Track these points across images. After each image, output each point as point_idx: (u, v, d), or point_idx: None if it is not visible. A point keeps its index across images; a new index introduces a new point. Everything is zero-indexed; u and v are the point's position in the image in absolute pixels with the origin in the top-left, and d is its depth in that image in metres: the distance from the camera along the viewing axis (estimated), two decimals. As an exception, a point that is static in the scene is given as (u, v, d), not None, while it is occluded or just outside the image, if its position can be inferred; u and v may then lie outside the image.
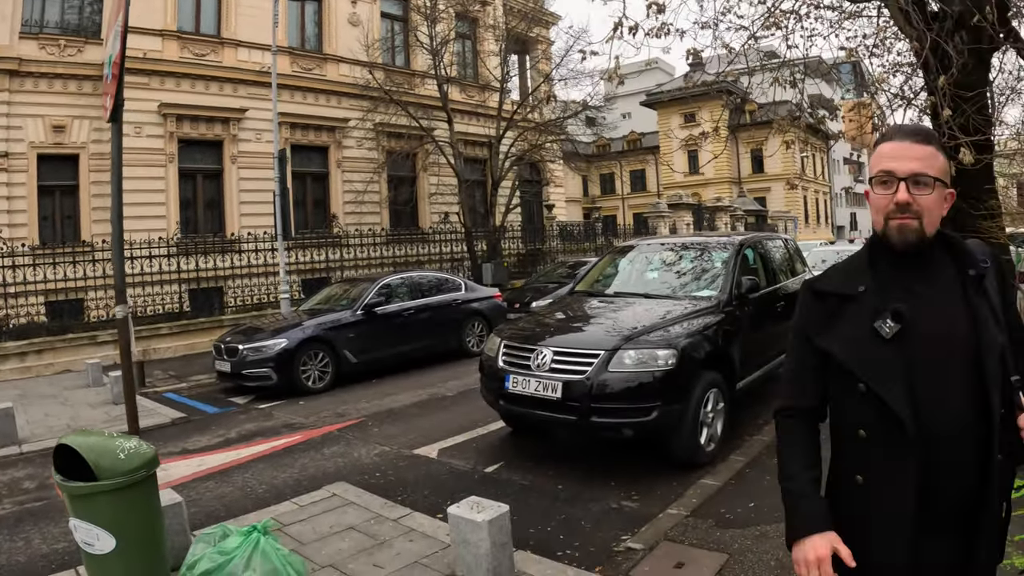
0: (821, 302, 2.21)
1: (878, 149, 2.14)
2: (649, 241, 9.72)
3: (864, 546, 2.06)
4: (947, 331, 2.05)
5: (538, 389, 6.51)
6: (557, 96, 26.24)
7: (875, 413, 2.02)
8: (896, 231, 2.08)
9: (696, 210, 33.20)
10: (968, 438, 2.01)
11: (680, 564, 4.73)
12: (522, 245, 27.90)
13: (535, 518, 5.69)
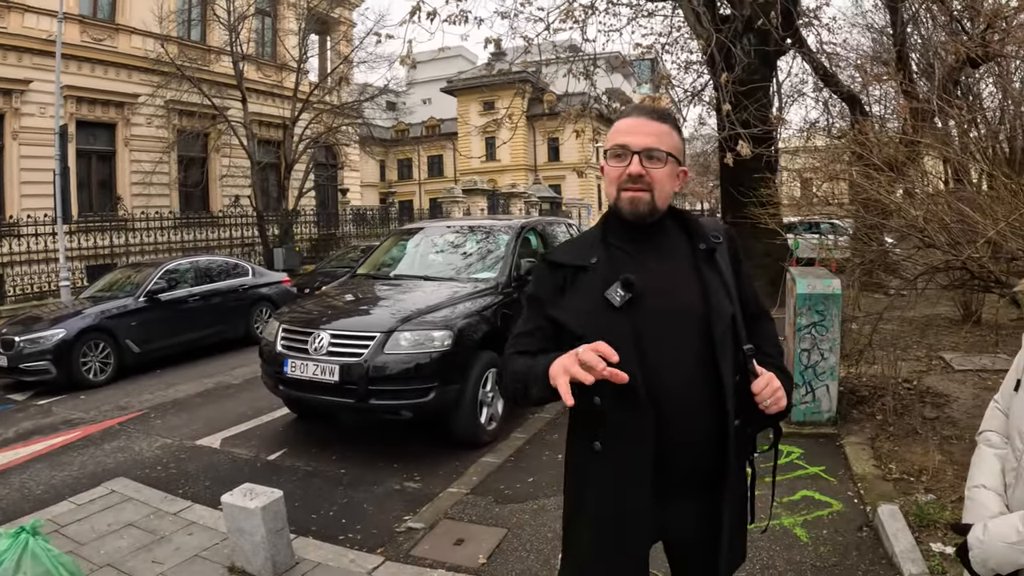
0: (555, 273, 2.22)
1: (615, 126, 2.21)
2: (435, 224, 9.80)
3: (608, 513, 2.12)
4: (678, 301, 2.13)
5: (316, 373, 6.44)
6: (359, 80, 25.98)
7: (608, 381, 2.00)
8: (628, 203, 2.15)
9: (491, 196, 33.68)
10: (703, 404, 2.10)
11: (460, 541, 4.82)
12: (315, 230, 27.47)
13: (318, 503, 5.65)
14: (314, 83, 25.68)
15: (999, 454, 2.10)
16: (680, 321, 2.11)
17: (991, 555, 1.93)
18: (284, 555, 4.46)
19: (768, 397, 2.07)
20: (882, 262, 8.19)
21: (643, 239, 2.21)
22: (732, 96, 10.67)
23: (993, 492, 2.06)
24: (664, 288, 2.13)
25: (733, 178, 13.01)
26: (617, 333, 2.01)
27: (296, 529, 5.01)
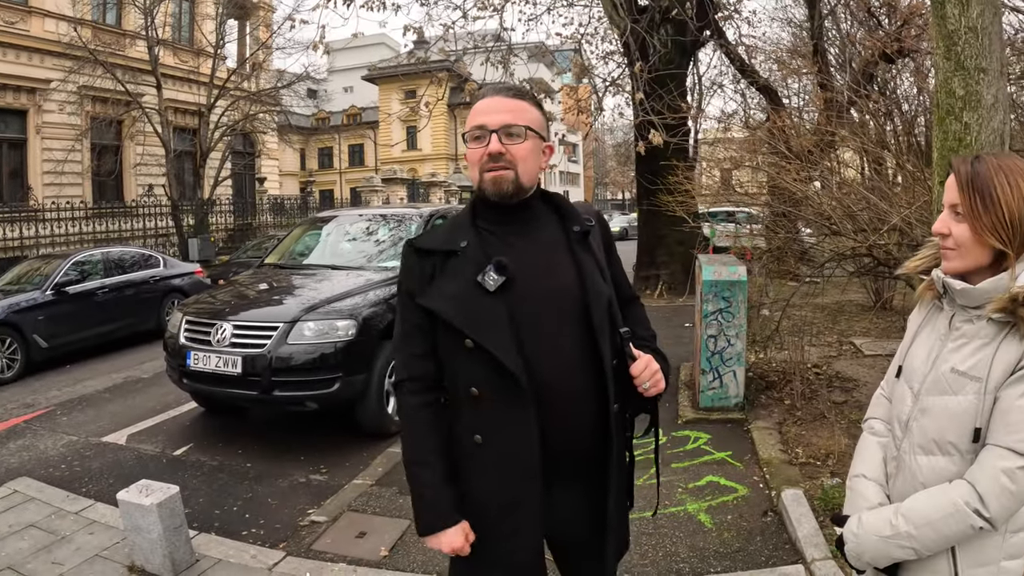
0: (424, 260, 2.13)
1: (473, 107, 2.14)
2: (347, 212, 9.67)
3: (498, 506, 2.07)
4: (553, 283, 2.08)
5: (219, 365, 6.29)
6: (278, 67, 25.56)
7: (486, 369, 1.99)
8: (491, 183, 2.07)
9: (411, 185, 33.45)
10: (583, 388, 2.07)
11: (362, 533, 4.75)
12: (232, 219, 26.91)
13: (222, 499, 5.52)
14: (231, 69, 25.11)
15: (882, 442, 2.10)
16: (557, 304, 2.07)
17: (865, 549, 1.93)
18: (183, 552, 4.34)
19: (648, 379, 2.06)
20: (792, 249, 8.32)
21: (514, 221, 2.15)
22: (647, 85, 10.73)
23: (873, 482, 2.05)
24: (539, 271, 2.08)
25: (647, 167, 13.14)
26: (492, 319, 1.99)
27: (199, 525, 4.91)
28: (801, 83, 17.07)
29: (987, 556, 1.83)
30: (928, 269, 2.01)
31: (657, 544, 4.46)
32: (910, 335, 2.07)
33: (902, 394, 2.00)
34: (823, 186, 8.22)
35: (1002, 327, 1.76)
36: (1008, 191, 1.74)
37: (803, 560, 4.19)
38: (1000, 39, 3.77)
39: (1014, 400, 1.72)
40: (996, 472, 1.72)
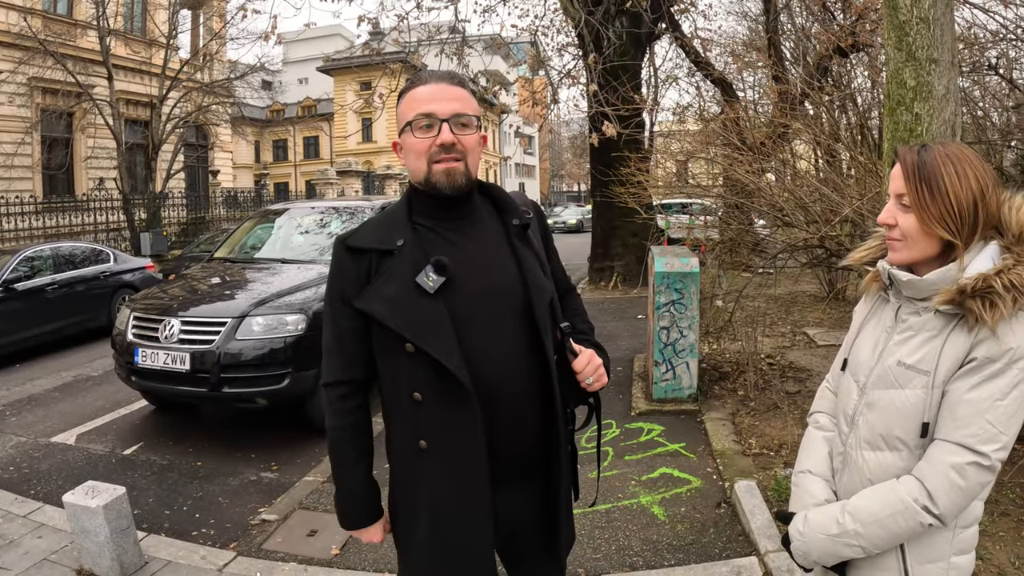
0: (358, 260, 2.02)
1: (411, 95, 2.01)
2: (300, 205, 9.57)
3: (446, 512, 2.02)
4: (494, 280, 2.02)
5: (167, 362, 6.21)
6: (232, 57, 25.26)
7: (429, 373, 1.93)
8: (444, 175, 1.97)
9: (366, 177, 33.24)
10: (527, 387, 2.03)
11: (313, 532, 4.70)
12: (184, 213, 26.46)
13: (172, 499, 5.43)
14: (184, 60, 24.72)
15: (827, 437, 2.09)
16: (499, 302, 2.01)
17: (812, 548, 1.91)
18: (132, 555, 4.26)
19: (591, 374, 2.03)
20: (745, 241, 8.38)
21: (452, 216, 2.06)
22: (602, 77, 10.76)
23: (819, 478, 2.03)
24: (479, 268, 2.02)
25: (601, 158, 13.18)
26: (433, 321, 1.92)
27: (148, 526, 4.84)
28: (756, 76, 17.21)
29: (937, 552, 1.82)
30: (874, 260, 1.99)
31: (610, 538, 4.46)
32: (855, 327, 2.06)
33: (848, 388, 1.98)
34: (776, 178, 8.28)
35: (950, 319, 1.75)
36: (956, 180, 1.71)
37: (757, 552, 4.21)
38: (951, 30, 3.80)
39: (963, 394, 1.70)
40: (945, 468, 1.71)
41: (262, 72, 28.80)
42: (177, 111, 23.58)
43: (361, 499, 2.16)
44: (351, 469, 2.13)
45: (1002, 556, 3.91)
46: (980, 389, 1.69)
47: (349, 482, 2.15)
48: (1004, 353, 1.67)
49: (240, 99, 29.12)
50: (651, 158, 12.84)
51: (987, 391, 1.68)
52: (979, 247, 1.75)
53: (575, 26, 12.63)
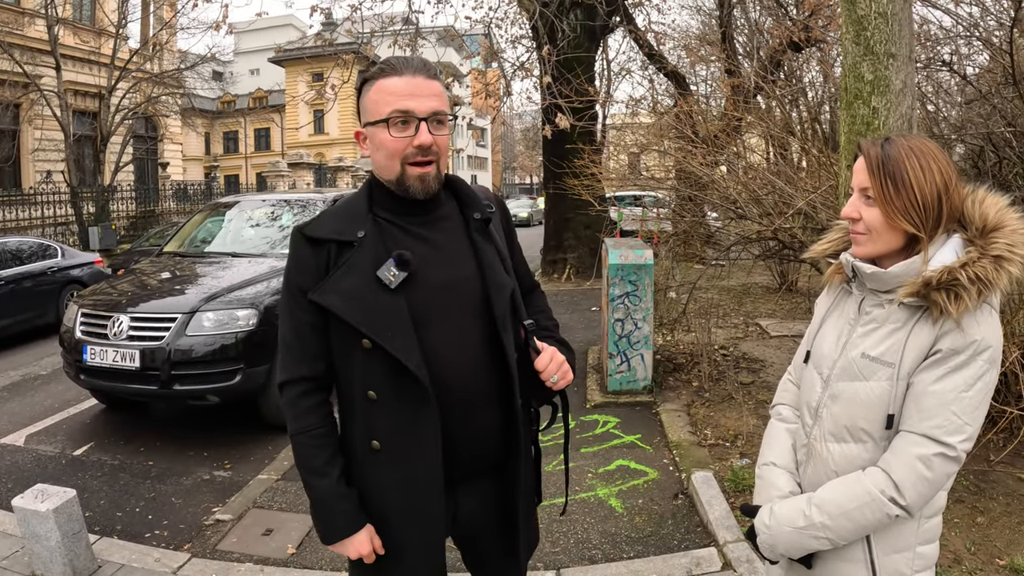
0: (317, 251, 1.93)
1: (385, 85, 1.90)
2: (250, 197, 9.46)
3: (398, 515, 1.98)
4: (455, 276, 1.97)
5: (116, 359, 6.10)
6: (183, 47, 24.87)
7: (385, 370, 1.87)
8: (419, 181, 1.92)
9: (318, 170, 32.91)
10: (486, 386, 1.99)
11: (269, 531, 4.65)
12: (134, 206, 25.96)
13: (124, 500, 5.32)
14: (134, 49, 24.28)
15: (790, 429, 2.09)
16: (459, 299, 1.96)
17: (779, 541, 1.91)
18: (84, 559, 4.18)
19: (555, 372, 1.99)
20: (698, 233, 8.46)
21: (415, 211, 2.00)
22: (555, 70, 10.78)
23: (783, 470, 2.03)
24: (440, 264, 1.96)
25: (554, 151, 13.21)
26: (392, 318, 1.86)
27: (101, 529, 4.75)
28: (709, 70, 17.33)
29: (903, 542, 1.84)
30: (836, 252, 1.99)
31: (568, 531, 4.47)
32: (818, 320, 2.06)
33: (811, 380, 1.99)
34: (729, 171, 8.37)
35: (914, 311, 1.76)
36: (920, 174, 1.72)
37: (716, 543, 4.25)
38: (909, 25, 3.83)
39: (928, 386, 1.72)
40: (911, 459, 1.72)
41: (213, 62, 28.39)
42: (126, 102, 23.12)
43: (340, 508, 1.97)
44: (323, 475, 1.97)
45: (958, 542, 4.00)
46: (945, 381, 1.70)
47: (324, 490, 1.97)
48: (969, 345, 1.69)
49: (190, 90, 28.75)
50: (604, 150, 12.91)
51: (952, 383, 1.70)
52: (942, 240, 1.77)
53: (529, 18, 12.65)
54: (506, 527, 2.16)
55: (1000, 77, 5.49)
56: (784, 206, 6.41)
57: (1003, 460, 4.85)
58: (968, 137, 5.89)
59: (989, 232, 1.74)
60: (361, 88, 1.98)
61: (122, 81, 22.53)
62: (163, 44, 24.96)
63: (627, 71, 18.07)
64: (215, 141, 56.41)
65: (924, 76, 6.71)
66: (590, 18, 13.48)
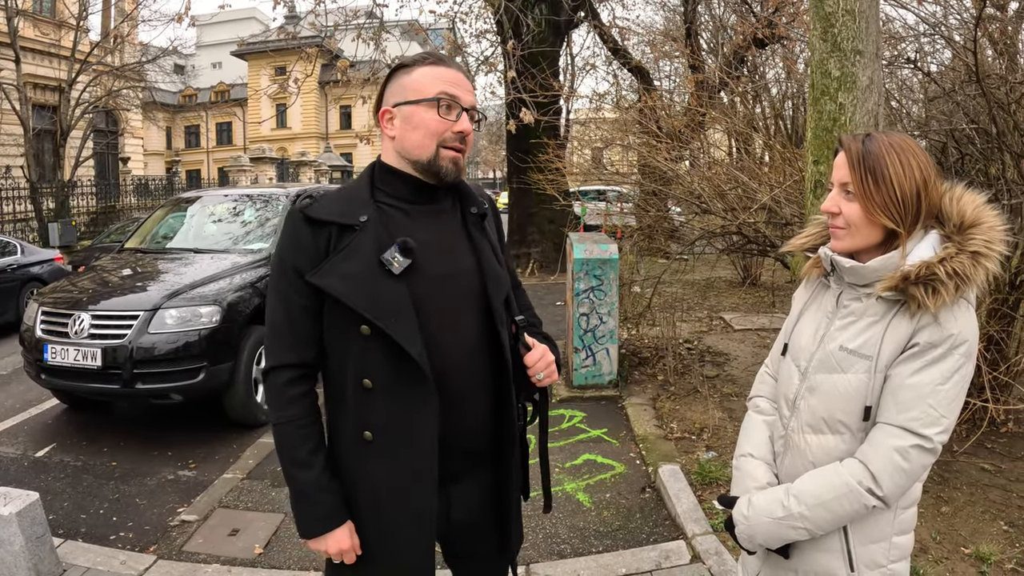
0: (317, 232, 1.90)
1: (432, 71, 1.94)
2: (212, 192, 9.36)
3: (390, 515, 1.94)
4: (454, 267, 1.97)
5: (77, 358, 6.01)
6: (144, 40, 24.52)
7: (385, 358, 1.85)
8: (452, 163, 1.94)
9: (280, 164, 32.64)
10: (481, 377, 2.00)
11: (235, 531, 4.61)
12: (94, 202, 25.60)
13: (88, 502, 5.24)
14: (95, 42, 23.90)
15: (768, 421, 2.11)
16: (457, 290, 1.97)
17: (757, 531, 1.92)
18: (49, 563, 4.11)
19: (542, 369, 2.01)
20: (662, 227, 8.51)
21: (418, 200, 2.00)
22: (520, 64, 10.78)
23: (761, 461, 2.05)
24: (439, 254, 1.96)
25: (518, 145, 13.24)
26: (396, 303, 1.84)
27: (65, 532, 4.67)
28: (673, 66, 17.48)
29: (879, 533, 1.86)
30: (814, 247, 2.01)
31: (537, 526, 4.49)
32: (796, 312, 2.08)
33: (789, 372, 2.00)
34: (693, 166, 8.41)
35: (892, 305, 1.78)
36: (900, 169, 1.74)
37: (684, 535, 4.30)
38: (876, 23, 3.87)
39: (905, 378, 1.74)
40: (889, 451, 1.74)
41: (174, 55, 28.11)
42: (87, 96, 22.80)
43: (323, 501, 1.93)
44: (307, 466, 1.92)
45: (923, 532, 4.08)
46: (922, 374, 1.73)
47: (307, 482, 1.92)
48: (946, 339, 1.71)
49: (151, 83, 28.40)
50: (568, 145, 12.95)
51: (929, 376, 1.72)
52: (920, 235, 1.79)
53: (494, 13, 12.64)
54: (496, 523, 2.16)
55: (963, 74, 5.57)
56: (748, 201, 6.47)
57: (966, 451, 4.94)
58: (931, 133, 5.97)
59: (967, 228, 1.76)
60: (394, 73, 2.00)
61: (83, 74, 22.22)
62: (124, 37, 24.64)
63: (591, 66, 18.16)
64: (176, 135, 55.80)
65: (888, 73, 6.79)
66: (555, 13, 13.52)
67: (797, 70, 11.43)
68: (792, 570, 1.97)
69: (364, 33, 13.40)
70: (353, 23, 14.06)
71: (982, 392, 4.57)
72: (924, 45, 6.94)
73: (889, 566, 1.88)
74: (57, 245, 18.01)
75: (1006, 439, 5.30)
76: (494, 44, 15.43)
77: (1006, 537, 4.09)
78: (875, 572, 1.88)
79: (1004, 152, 5.14)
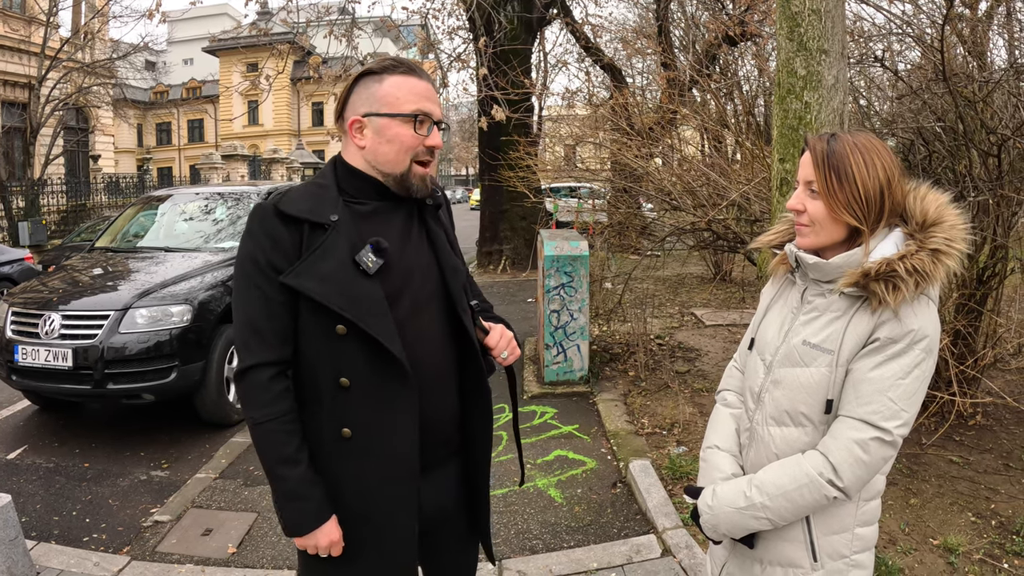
0: (289, 229, 1.90)
1: (405, 82, 1.96)
2: (184, 191, 9.32)
3: (370, 511, 1.96)
4: (416, 263, 2.01)
5: (48, 359, 5.97)
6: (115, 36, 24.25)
7: (363, 356, 1.87)
8: (422, 181, 1.99)
9: (252, 162, 32.40)
10: (449, 367, 2.06)
11: (208, 531, 4.62)
12: (65, 200, 25.33)
13: (61, 503, 5.21)
14: (65, 38, 23.63)
15: (734, 414, 2.14)
16: (420, 283, 2.01)
17: (721, 521, 1.96)
18: (22, 566, 4.09)
19: (505, 348, 2.07)
20: (633, 224, 8.56)
21: (383, 199, 2.03)
22: (492, 61, 10.81)
23: (727, 453, 2.08)
24: (403, 249, 2.00)
25: (490, 142, 13.26)
26: (372, 303, 1.87)
27: (38, 534, 4.65)
28: (645, 63, 17.50)
29: (841, 524, 1.90)
30: (781, 243, 2.05)
31: (509, 522, 4.54)
32: (763, 308, 2.12)
33: (755, 366, 2.04)
34: (664, 163, 8.47)
35: (853, 301, 1.82)
36: (863, 169, 1.78)
37: (655, 530, 4.36)
38: (842, 22, 3.92)
39: (866, 372, 1.78)
40: (849, 443, 1.78)
41: (146, 52, 27.81)
42: (57, 92, 22.52)
43: (313, 496, 1.91)
44: (295, 463, 1.90)
45: (892, 523, 4.16)
46: (882, 368, 1.77)
47: (293, 479, 1.90)
48: (906, 334, 1.75)
49: (122, 80, 28.05)
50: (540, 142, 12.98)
51: (889, 370, 1.76)
52: (884, 233, 1.84)
53: (466, 9, 12.66)
54: (469, 513, 2.21)
55: (931, 73, 5.63)
56: (718, 198, 6.53)
57: (935, 443, 5.05)
58: (899, 131, 6.05)
59: (929, 227, 1.81)
60: (361, 79, 2.00)
61: (53, 71, 21.95)
62: (95, 33, 24.34)
63: (563, 63, 18.19)
64: (147, 133, 55.26)
65: (857, 71, 6.87)
66: (527, 10, 13.54)
67: (768, 68, 11.52)
68: (757, 560, 2.00)
69: (336, 30, 13.37)
70: (325, 19, 14.03)
71: (950, 386, 4.66)
72: (893, 43, 7.02)
73: (852, 556, 1.92)
74: (27, 244, 17.83)
75: (974, 432, 5.41)
76: (466, 41, 15.41)
77: (974, 528, 4.18)
78: (838, 562, 1.91)
79: (971, 149, 5.23)
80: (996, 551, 3.96)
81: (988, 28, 6.66)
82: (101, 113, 28.62)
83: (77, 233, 18.10)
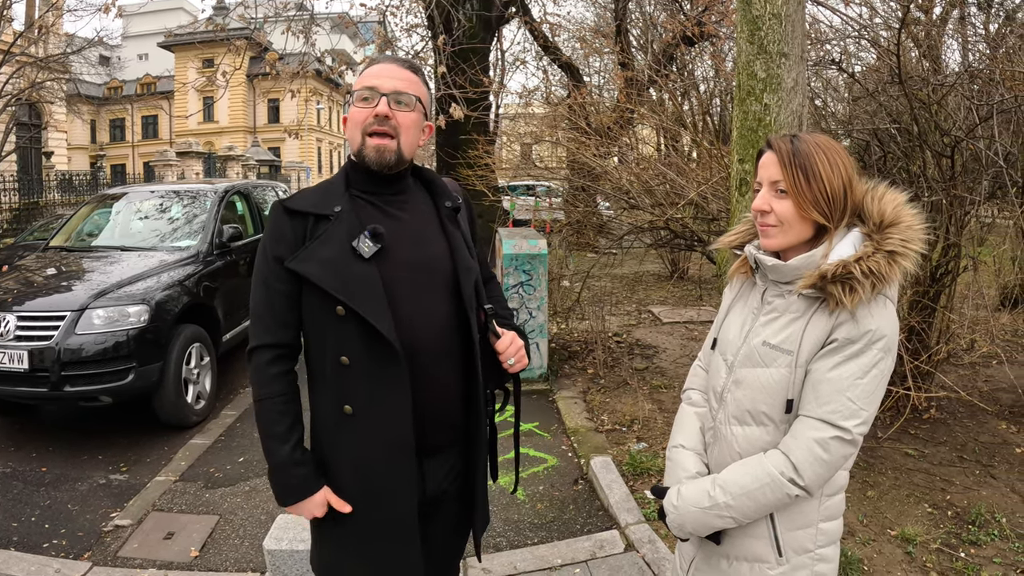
0: (295, 222, 2.08)
1: (365, 72, 2.13)
2: (139, 188, 9.22)
3: (373, 487, 2.06)
4: (426, 255, 2.11)
5: (3, 361, 5.86)
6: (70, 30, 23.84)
7: (359, 335, 1.98)
8: (374, 151, 2.06)
9: (207, 159, 32.03)
10: (451, 359, 2.11)
11: (170, 534, 4.59)
12: (16, 198, 24.79)
13: (19, 509, 5.13)
14: (18, 32, 23.18)
15: (699, 412, 2.17)
16: (428, 276, 2.10)
17: (686, 520, 1.99)
18: (-18, 575, 4.08)
19: (513, 355, 2.13)
20: (591, 222, 8.63)
21: (388, 191, 2.16)
22: (450, 59, 10.82)
23: (692, 452, 2.12)
24: (410, 241, 2.11)
25: (448, 140, 13.26)
26: (366, 285, 1.99)
27: (-1, 542, 4.58)
28: (603, 62, 17.59)
29: (805, 519, 1.95)
30: (742, 244, 2.08)
31: (472, 521, 4.58)
32: (724, 308, 2.16)
33: (717, 366, 2.08)
34: (622, 161, 8.54)
35: (812, 302, 1.86)
36: (828, 167, 1.83)
37: (617, 525, 4.43)
38: (802, 26, 3.99)
39: (824, 373, 1.82)
40: (809, 442, 1.82)
41: (100, 47, 27.37)
42: (9, 88, 22.09)
43: (297, 472, 2.07)
44: (283, 441, 2.07)
45: (850, 515, 4.26)
46: (841, 368, 1.81)
47: (282, 455, 2.07)
48: (863, 335, 1.80)
49: (76, 75, 27.60)
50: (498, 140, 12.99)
51: (848, 370, 1.80)
52: (842, 233, 1.88)
53: (425, 7, 12.63)
54: (463, 504, 2.28)
55: (886, 76, 5.75)
56: (675, 196, 6.60)
57: (890, 437, 5.18)
58: (855, 132, 6.16)
59: (886, 227, 1.85)
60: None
61: (5, 65, 21.53)
62: (49, 27, 23.92)
63: (522, 62, 18.16)
64: (101, 129, 54.32)
65: (814, 73, 6.99)
66: (486, 8, 13.53)
67: (725, 68, 11.66)
68: (724, 555, 2.05)
69: (294, 26, 13.29)
70: (283, 16, 13.94)
71: (905, 381, 4.78)
72: (850, 46, 7.14)
73: (817, 551, 1.97)
74: (-22, 244, 17.48)
75: (928, 425, 5.56)
76: (425, 39, 15.37)
77: (930, 519, 4.31)
78: (803, 556, 1.97)
79: (925, 150, 5.36)
80: (953, 541, 4.08)
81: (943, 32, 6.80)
82: (54, 109, 28.14)
83: (30, 232, 17.76)
